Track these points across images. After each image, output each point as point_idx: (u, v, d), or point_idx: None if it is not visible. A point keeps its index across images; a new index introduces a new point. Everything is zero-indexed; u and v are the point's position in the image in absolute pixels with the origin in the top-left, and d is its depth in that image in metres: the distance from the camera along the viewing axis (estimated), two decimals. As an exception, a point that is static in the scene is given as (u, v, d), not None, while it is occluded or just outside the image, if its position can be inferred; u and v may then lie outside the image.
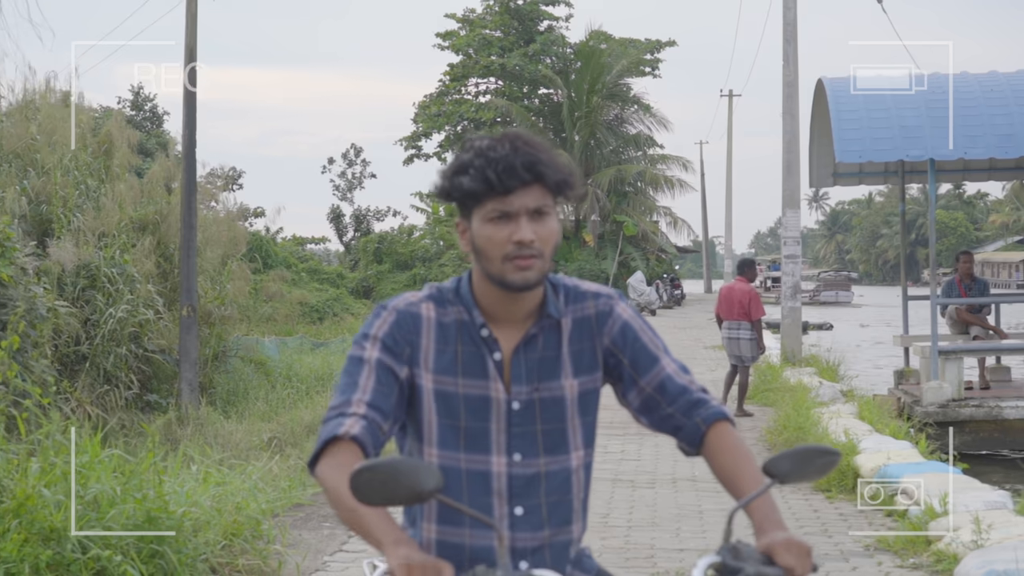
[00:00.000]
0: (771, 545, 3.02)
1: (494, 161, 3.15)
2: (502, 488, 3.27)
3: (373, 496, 2.79)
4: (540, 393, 3.31)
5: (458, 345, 3.30)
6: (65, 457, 7.49)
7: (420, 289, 3.47)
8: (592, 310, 3.40)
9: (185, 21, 20.19)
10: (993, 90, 17.42)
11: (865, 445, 12.45)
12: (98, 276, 19.79)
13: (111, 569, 7.00)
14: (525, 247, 3.16)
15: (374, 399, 3.18)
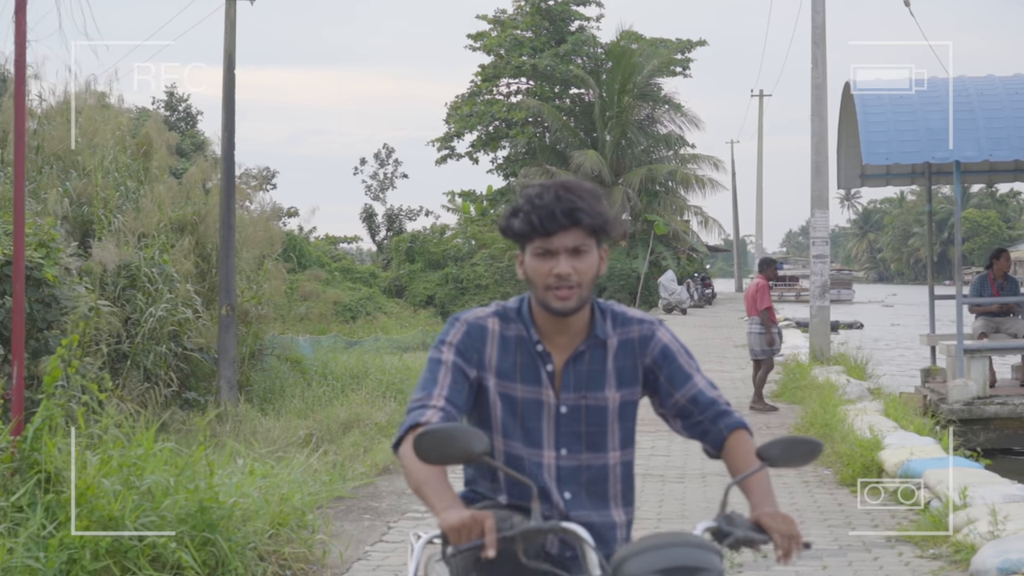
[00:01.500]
0: (760, 516, 3.66)
1: (539, 208, 3.80)
2: (553, 476, 3.94)
3: (432, 455, 3.42)
4: (586, 400, 3.98)
5: (517, 356, 3.96)
6: (121, 450, 7.88)
7: (459, 290, 4.06)
8: (636, 334, 4.05)
9: (224, 26, 20.57)
10: (1018, 92, 17.68)
11: (889, 441, 12.76)
12: (138, 276, 20.19)
13: (166, 555, 7.38)
14: (563, 280, 3.79)
15: (450, 395, 3.84)
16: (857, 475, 12.19)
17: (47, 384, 7.53)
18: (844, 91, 20.29)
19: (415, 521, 10.55)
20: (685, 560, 3.29)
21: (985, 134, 17.31)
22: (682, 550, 3.32)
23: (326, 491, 10.38)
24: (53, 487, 7.29)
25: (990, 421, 17.56)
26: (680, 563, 3.27)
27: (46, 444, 7.33)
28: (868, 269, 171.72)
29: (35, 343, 14.98)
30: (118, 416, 8.56)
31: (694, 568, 3.27)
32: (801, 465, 3.81)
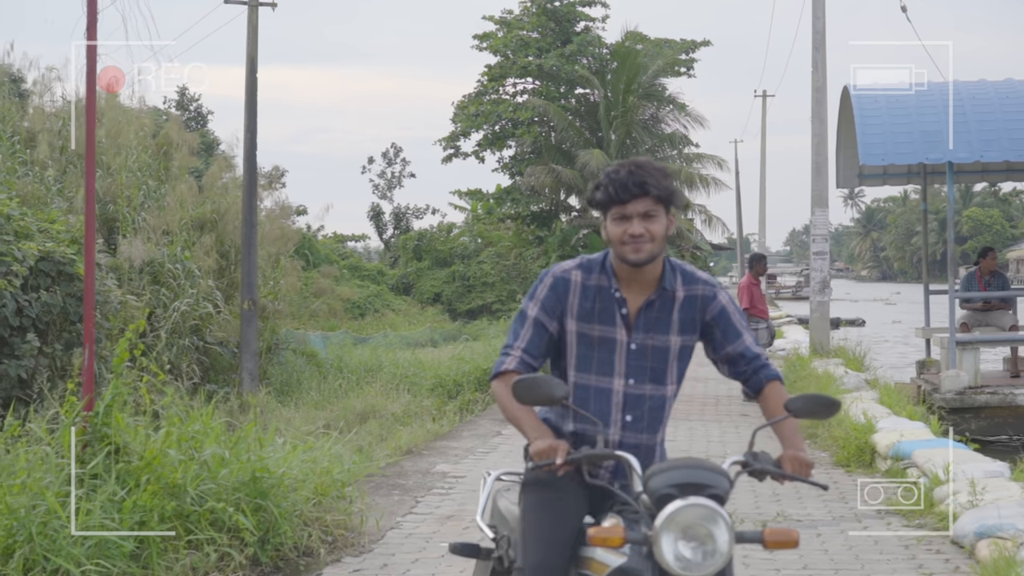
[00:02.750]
0: (783, 456, 4.63)
1: (615, 181, 4.76)
2: (619, 401, 4.87)
3: (525, 397, 4.51)
4: (653, 341, 4.89)
5: (596, 302, 4.87)
6: (179, 426, 8.71)
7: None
8: (700, 292, 4.95)
9: (247, 32, 21.41)
10: (1009, 96, 18.49)
11: (882, 425, 13.57)
12: (161, 272, 20.94)
13: (224, 519, 8.21)
14: (636, 238, 4.72)
15: (528, 346, 4.86)
16: (851, 457, 13.05)
17: (116, 365, 8.34)
18: (843, 94, 21.08)
19: (441, 496, 11.40)
20: (695, 478, 4.26)
21: (977, 136, 18.15)
22: (695, 471, 4.30)
23: (356, 469, 11.19)
24: (122, 457, 8.10)
25: (981, 410, 18.40)
26: (691, 480, 4.25)
27: (115, 419, 8.13)
28: (871, 268, 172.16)
29: (68, 335, 15.77)
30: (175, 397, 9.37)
31: (702, 485, 4.24)
32: (821, 418, 4.74)
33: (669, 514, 4.16)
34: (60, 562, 7.13)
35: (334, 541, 9.23)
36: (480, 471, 12.42)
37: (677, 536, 4.15)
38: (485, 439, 15.43)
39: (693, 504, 4.16)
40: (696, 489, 4.22)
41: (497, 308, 48.30)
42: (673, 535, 4.15)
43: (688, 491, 4.22)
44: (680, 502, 4.17)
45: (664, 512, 4.17)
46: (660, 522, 4.15)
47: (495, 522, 5.35)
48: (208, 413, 8.99)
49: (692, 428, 15.80)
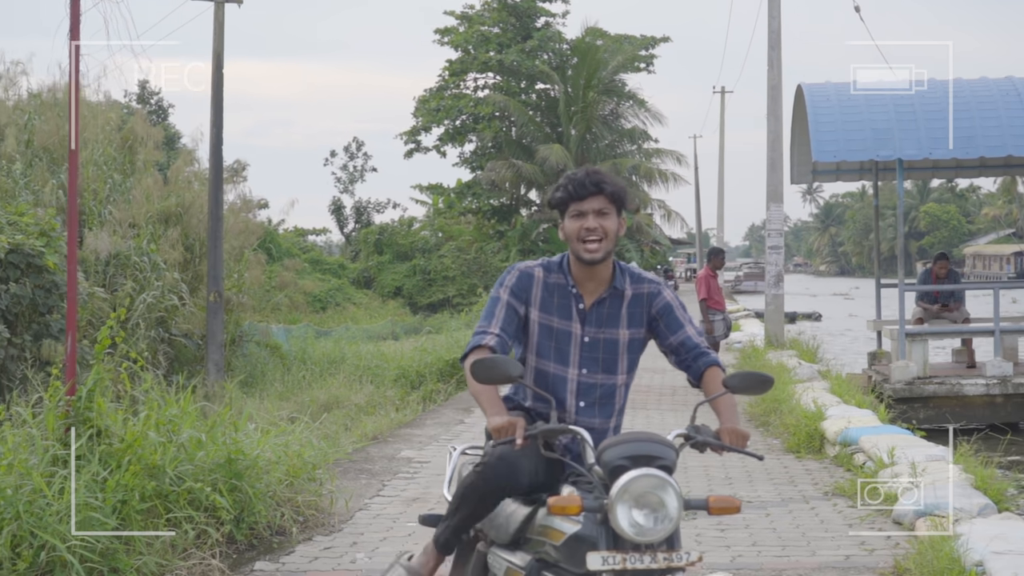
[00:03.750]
0: (721, 429, 5.08)
1: (573, 180, 5.30)
2: (574, 388, 5.37)
3: (483, 376, 4.92)
4: (604, 335, 5.39)
5: (556, 297, 5.39)
6: (158, 410, 9.11)
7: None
8: (647, 290, 5.46)
9: (213, 28, 21.75)
10: (957, 96, 19.04)
11: (831, 413, 14.07)
12: (127, 265, 21.22)
13: (201, 499, 8.61)
14: (591, 232, 5.23)
15: (504, 325, 5.33)
16: (802, 443, 13.56)
17: (98, 351, 8.71)
18: (797, 92, 21.61)
19: (406, 480, 11.84)
20: (646, 450, 4.69)
21: (926, 133, 18.69)
22: (645, 444, 4.73)
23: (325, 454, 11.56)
24: (104, 440, 8.48)
25: (929, 399, 18.99)
26: (642, 452, 4.68)
27: (97, 403, 8.51)
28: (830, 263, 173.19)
29: (37, 326, 16.10)
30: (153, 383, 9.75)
31: (651, 456, 4.67)
32: (757, 393, 5.22)
33: (623, 484, 4.54)
34: (47, 537, 7.48)
35: (305, 521, 9.65)
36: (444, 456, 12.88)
37: (631, 504, 4.55)
38: (448, 427, 15.86)
39: (645, 474, 4.57)
40: (647, 460, 4.65)
41: (458, 302, 48.68)
42: (627, 503, 4.54)
43: (639, 462, 4.63)
44: (633, 472, 4.57)
45: (619, 482, 4.56)
46: (615, 491, 4.55)
47: None
48: (187, 398, 9.39)
49: (649, 416, 16.27)
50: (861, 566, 8.50)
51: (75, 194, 8.87)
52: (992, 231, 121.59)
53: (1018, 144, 18.83)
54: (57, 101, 25.15)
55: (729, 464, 12.51)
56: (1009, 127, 18.77)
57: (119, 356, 9.38)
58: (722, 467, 12.41)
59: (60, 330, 16.36)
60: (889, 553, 8.76)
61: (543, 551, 5.00)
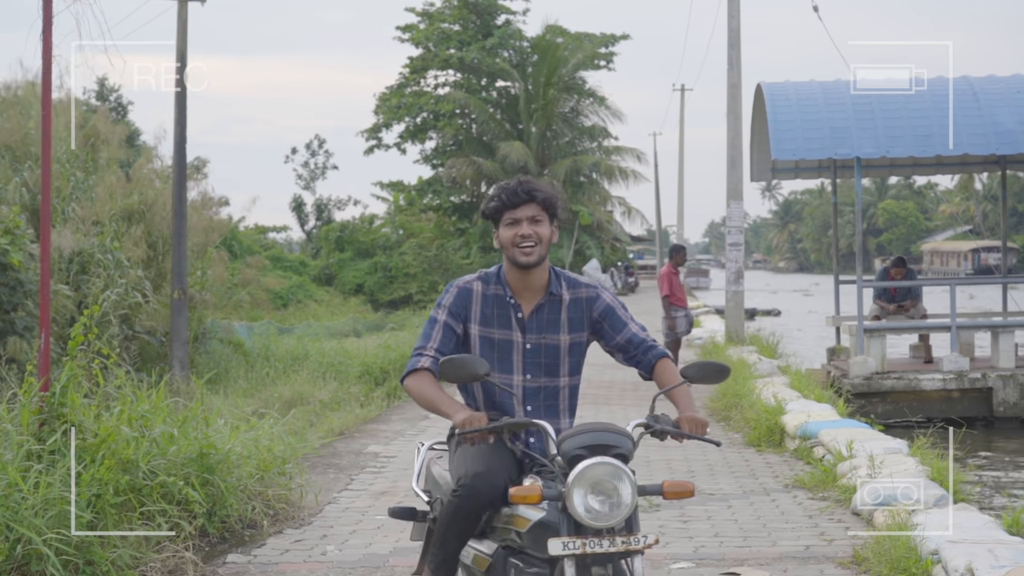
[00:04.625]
0: (680, 418, 5.30)
1: (506, 190, 5.52)
2: (520, 395, 5.52)
3: (451, 375, 5.12)
4: (545, 340, 5.59)
5: (495, 308, 5.59)
6: (130, 405, 9.25)
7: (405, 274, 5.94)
8: (584, 294, 5.65)
9: (176, 26, 21.79)
10: (914, 95, 19.30)
11: (791, 407, 14.32)
12: (90, 262, 21.23)
13: (174, 492, 8.75)
14: (526, 239, 5.44)
15: (440, 346, 5.51)
16: (762, 437, 13.80)
17: (71, 348, 8.83)
18: (756, 91, 21.86)
19: (374, 474, 12.01)
20: (602, 440, 4.97)
21: (883, 132, 18.98)
22: (601, 434, 5.00)
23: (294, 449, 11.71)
24: (78, 435, 8.60)
25: (887, 394, 19.28)
26: (599, 442, 4.95)
27: (71, 399, 8.63)
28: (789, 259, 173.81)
29: (1, 324, 16.16)
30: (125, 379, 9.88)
31: (608, 446, 4.95)
32: (714, 383, 5.46)
33: (579, 472, 4.81)
34: (23, 531, 7.61)
35: (276, 514, 9.82)
36: (410, 451, 13.05)
37: (586, 491, 4.81)
38: (413, 422, 16.03)
39: (600, 462, 4.84)
40: (603, 449, 4.92)
41: (419, 299, 48.77)
42: (583, 490, 4.81)
43: (596, 451, 4.90)
44: (588, 461, 4.84)
45: (575, 470, 4.82)
46: (571, 479, 4.81)
47: (429, 487, 5.97)
48: (159, 394, 9.53)
49: (612, 412, 16.47)
50: (821, 556, 8.72)
51: (48, 193, 8.99)
52: (950, 228, 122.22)
53: (973, 143, 19.14)
54: (18, 99, 25.15)
55: (691, 457, 12.73)
56: (964, 126, 19.07)
57: (91, 352, 9.44)
58: (684, 460, 12.62)
59: (25, 327, 16.41)
60: (848, 543, 8.99)
61: (509, 539, 5.22)
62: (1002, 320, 21.88)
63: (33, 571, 7.61)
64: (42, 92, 8.96)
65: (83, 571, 7.78)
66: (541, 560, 5.01)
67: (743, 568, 8.35)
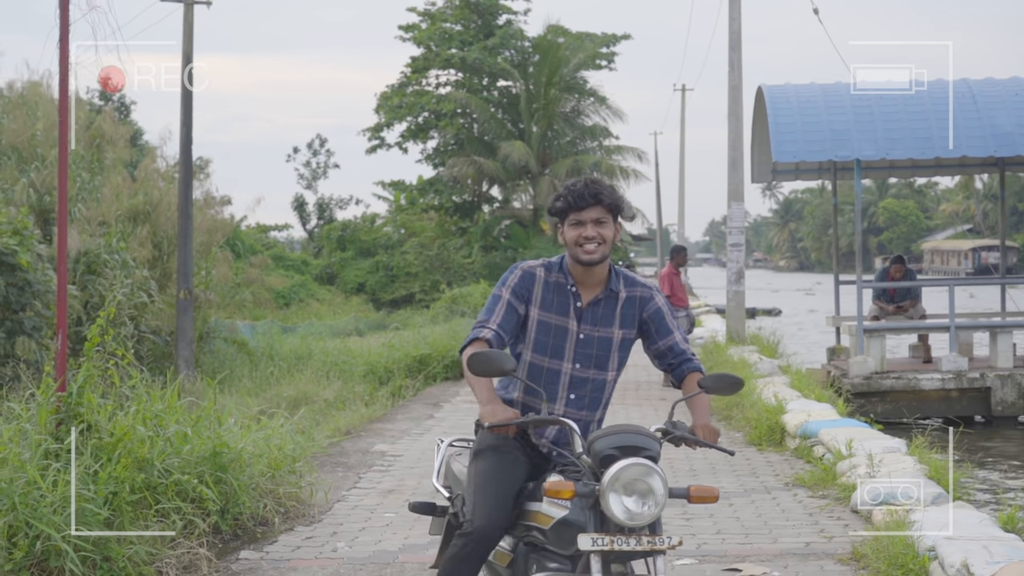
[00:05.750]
0: (695, 425, 5.52)
1: (572, 192, 5.67)
2: (566, 382, 5.73)
3: (478, 369, 5.28)
4: (598, 333, 5.76)
5: (555, 295, 5.76)
6: (145, 405, 9.44)
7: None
8: (639, 294, 5.84)
9: (183, 29, 21.98)
10: (913, 97, 19.49)
11: (792, 407, 14.51)
12: (97, 263, 21.39)
13: (188, 490, 8.95)
14: (589, 240, 5.62)
15: (502, 323, 5.68)
16: (763, 436, 14.00)
17: (88, 349, 9.03)
18: (757, 94, 22.03)
19: (381, 473, 12.20)
20: (634, 442, 5.13)
21: (883, 134, 19.17)
22: (632, 436, 5.16)
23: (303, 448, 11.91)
24: (94, 434, 8.80)
25: (886, 394, 19.48)
26: (630, 443, 5.11)
27: (87, 398, 8.83)
28: (789, 258, 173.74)
29: (10, 324, 16.32)
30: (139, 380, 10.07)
31: (638, 447, 5.10)
32: (728, 394, 5.67)
33: (615, 472, 4.96)
34: (42, 527, 7.80)
35: (287, 512, 10.03)
36: (416, 450, 13.26)
37: (621, 491, 4.97)
38: (419, 421, 16.22)
39: (635, 463, 5.00)
40: (635, 451, 5.08)
41: (421, 298, 48.87)
42: (618, 490, 4.97)
43: (628, 452, 5.06)
44: (624, 461, 5.00)
45: (611, 470, 4.97)
46: (607, 479, 4.96)
47: (449, 483, 6.16)
48: (173, 394, 9.74)
49: (614, 411, 16.60)
50: (820, 552, 8.92)
51: (65, 197, 9.17)
52: (950, 227, 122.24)
53: (972, 145, 19.33)
54: (25, 100, 25.32)
55: (693, 457, 12.91)
56: (963, 128, 19.25)
57: (106, 353, 9.63)
58: (686, 459, 12.80)
59: (34, 327, 16.58)
60: (847, 541, 9.18)
61: (530, 535, 5.39)
62: (1000, 320, 22.07)
63: (52, 567, 7.80)
64: (59, 99, 9.14)
65: (100, 567, 7.97)
66: (563, 556, 5.20)
67: (745, 564, 8.56)
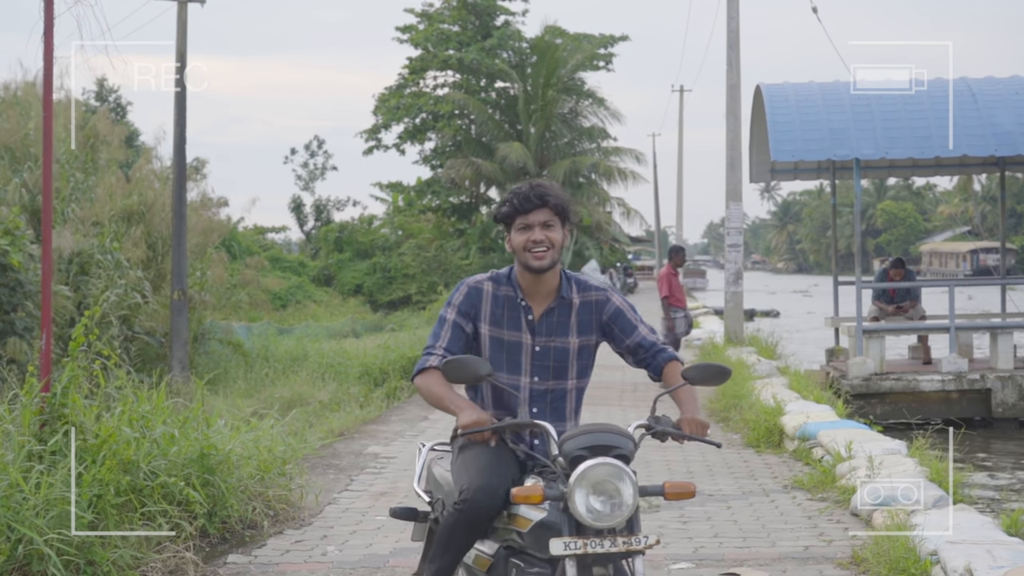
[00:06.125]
0: (681, 419, 5.32)
1: (518, 195, 5.50)
2: (526, 397, 5.55)
3: (455, 375, 5.14)
4: (554, 343, 5.60)
5: (505, 310, 5.60)
6: (131, 406, 9.27)
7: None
8: (594, 298, 5.66)
9: (176, 27, 21.84)
10: (913, 97, 19.34)
11: (790, 408, 14.35)
12: (90, 263, 21.25)
13: (175, 493, 8.77)
14: (538, 244, 5.43)
15: (449, 345, 5.53)
16: (761, 438, 13.84)
17: (72, 349, 8.85)
18: (755, 93, 21.89)
19: (373, 475, 12.03)
20: (604, 441, 4.97)
21: (882, 133, 19.02)
22: (602, 435, 5.00)
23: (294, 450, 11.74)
24: (79, 435, 8.62)
25: (885, 395, 19.32)
26: (600, 443, 4.95)
27: (72, 399, 8.65)
28: (787, 260, 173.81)
29: (1, 324, 16.19)
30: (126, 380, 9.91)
31: (609, 446, 4.94)
32: (715, 384, 5.43)
33: (580, 472, 4.82)
34: (24, 531, 7.63)
35: (276, 515, 9.85)
36: (410, 452, 13.09)
37: (588, 491, 4.82)
38: (413, 423, 16.06)
39: (601, 463, 4.84)
40: (604, 450, 4.92)
41: (418, 299, 48.80)
42: (584, 490, 4.81)
43: (597, 452, 4.90)
44: (590, 461, 4.85)
45: (576, 471, 4.83)
46: (573, 479, 4.82)
47: (430, 487, 5.99)
48: (160, 395, 9.56)
49: (611, 413, 16.48)
50: (820, 556, 8.75)
51: (49, 195, 9.00)
52: (948, 229, 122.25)
53: (972, 144, 19.19)
54: (17, 99, 25.17)
55: (690, 458, 12.75)
56: (963, 127, 19.11)
57: (92, 353, 9.47)
58: (683, 461, 12.65)
59: (25, 328, 16.44)
60: (847, 544, 9.02)
61: (510, 539, 5.25)
62: (1000, 322, 21.92)
63: (35, 571, 7.64)
64: (43, 94, 8.98)
65: (84, 571, 7.81)
66: (542, 560, 5.04)
67: (743, 568, 8.38)
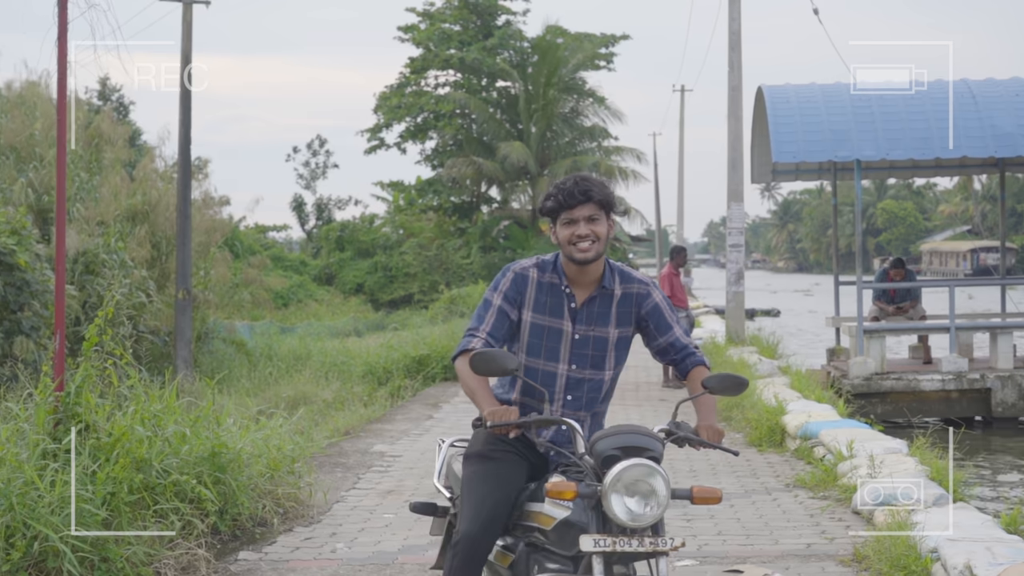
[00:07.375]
0: (699, 426, 5.45)
1: (562, 190, 5.54)
2: (562, 384, 5.63)
3: (482, 368, 5.21)
4: (593, 332, 5.65)
5: (549, 296, 5.64)
6: (143, 405, 9.41)
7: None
8: (635, 290, 5.72)
9: (181, 28, 21.96)
10: (913, 98, 19.47)
11: (792, 408, 14.48)
12: (95, 262, 21.35)
13: (187, 491, 8.90)
14: (582, 239, 5.49)
15: (492, 330, 5.58)
16: (763, 437, 13.97)
17: (86, 349, 8.99)
18: (757, 94, 22.00)
19: (380, 473, 12.16)
20: (636, 442, 5.05)
21: (883, 135, 19.16)
22: (635, 436, 5.09)
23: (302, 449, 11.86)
24: (92, 434, 8.76)
25: (886, 395, 19.46)
26: (633, 444, 5.04)
27: (85, 398, 8.78)
28: (788, 259, 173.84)
29: (8, 323, 16.29)
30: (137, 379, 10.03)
31: (641, 448, 5.03)
32: (733, 395, 5.54)
33: (617, 472, 4.89)
34: (40, 528, 7.76)
35: (286, 512, 9.99)
36: (415, 451, 13.23)
37: (623, 491, 4.90)
38: (418, 422, 16.19)
39: (637, 464, 4.92)
40: (637, 452, 5.00)
41: (419, 298, 48.89)
42: (620, 491, 4.90)
43: (631, 453, 4.98)
44: (627, 462, 4.92)
45: (613, 471, 4.90)
46: (609, 479, 4.89)
47: (450, 483, 6.10)
48: (172, 394, 9.70)
49: (614, 412, 16.50)
50: (822, 554, 8.88)
51: (63, 198, 9.13)
52: (949, 228, 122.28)
53: (972, 145, 19.33)
54: (23, 100, 25.29)
55: (694, 456, 12.88)
56: (963, 129, 19.25)
57: (104, 352, 9.59)
58: (687, 460, 12.77)
59: (32, 327, 16.54)
60: (849, 542, 9.15)
61: (532, 536, 5.34)
62: (1000, 321, 22.05)
63: (50, 568, 7.76)
64: (57, 98, 9.10)
65: (98, 568, 7.93)
66: (565, 557, 5.15)
67: (746, 566, 8.52)
